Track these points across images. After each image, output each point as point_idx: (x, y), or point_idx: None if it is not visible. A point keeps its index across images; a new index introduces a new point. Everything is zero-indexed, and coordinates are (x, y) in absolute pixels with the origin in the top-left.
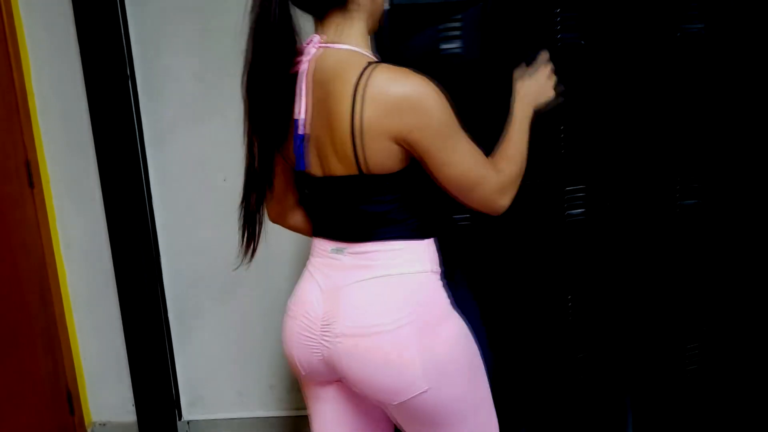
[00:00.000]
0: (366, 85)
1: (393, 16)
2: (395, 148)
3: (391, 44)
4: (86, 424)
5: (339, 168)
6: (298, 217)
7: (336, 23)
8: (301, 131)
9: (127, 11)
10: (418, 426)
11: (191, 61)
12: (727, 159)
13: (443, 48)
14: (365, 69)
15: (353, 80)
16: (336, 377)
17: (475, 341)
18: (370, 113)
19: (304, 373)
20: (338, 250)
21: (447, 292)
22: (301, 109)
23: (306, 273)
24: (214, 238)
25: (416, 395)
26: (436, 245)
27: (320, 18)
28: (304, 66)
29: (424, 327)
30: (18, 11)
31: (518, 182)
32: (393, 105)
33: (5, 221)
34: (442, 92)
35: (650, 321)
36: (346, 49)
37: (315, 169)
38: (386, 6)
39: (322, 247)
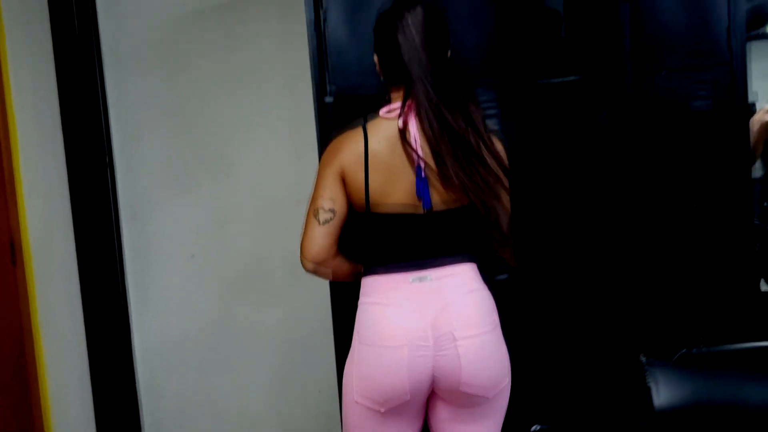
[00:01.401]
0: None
1: (337, 106)
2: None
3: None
4: None
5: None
6: (337, 260)
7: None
8: (423, 175)
9: (109, 110)
10: (481, 421)
11: (165, 145)
12: None
13: None
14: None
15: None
16: (426, 393)
17: None
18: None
19: (409, 397)
20: (421, 278)
21: None
22: (420, 156)
23: (389, 308)
24: (184, 311)
25: (504, 386)
26: None
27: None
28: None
29: (500, 333)
30: (11, 104)
31: None
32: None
33: None
34: None
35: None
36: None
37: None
38: None
39: (399, 280)
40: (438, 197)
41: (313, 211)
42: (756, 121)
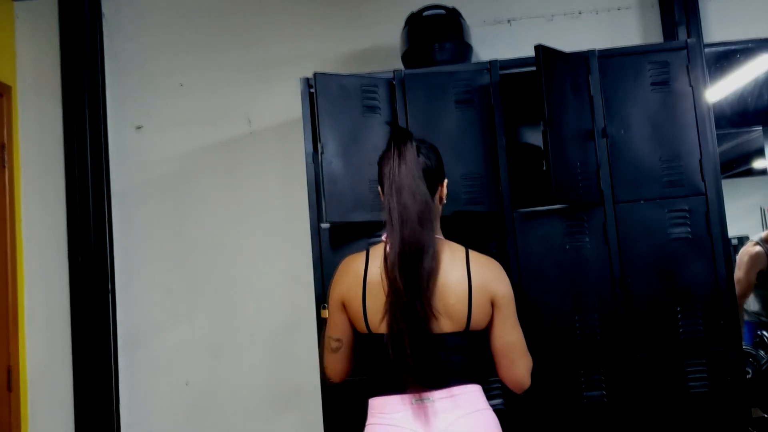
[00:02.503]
0: (473, 262)
1: (333, 232)
2: (489, 310)
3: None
4: None
5: (448, 325)
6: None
7: None
8: None
9: (114, 240)
10: None
11: (166, 276)
12: None
13: None
14: (467, 252)
15: (462, 259)
16: None
17: None
18: (479, 282)
19: None
20: (423, 399)
21: None
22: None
23: (390, 429)
24: None
25: None
26: None
27: None
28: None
29: None
30: (20, 236)
31: None
32: (492, 275)
33: None
34: None
35: None
36: (441, 239)
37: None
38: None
39: (401, 401)
40: (435, 321)
41: (326, 339)
42: (745, 253)
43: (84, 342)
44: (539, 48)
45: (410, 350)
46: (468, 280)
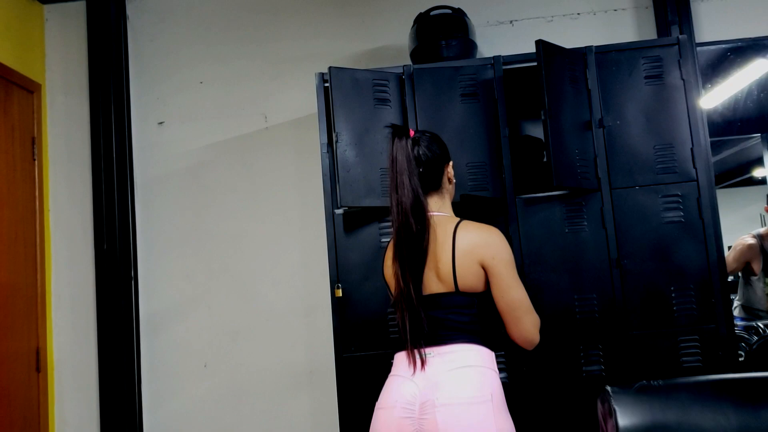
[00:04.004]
0: (459, 231)
1: (347, 217)
2: (480, 271)
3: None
4: None
5: (440, 287)
6: None
7: (435, 200)
8: None
9: (137, 229)
10: None
11: (185, 263)
12: None
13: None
14: (458, 222)
15: (451, 230)
16: None
17: None
18: (464, 246)
19: None
20: (427, 354)
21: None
22: None
23: (394, 378)
24: (196, 418)
25: None
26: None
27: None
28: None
29: (495, 407)
30: (48, 225)
31: None
32: (480, 240)
33: (12, 400)
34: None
35: None
36: (442, 215)
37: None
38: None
39: (407, 356)
40: (432, 284)
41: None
42: (740, 242)
43: (108, 325)
44: (540, 43)
45: (407, 312)
46: (452, 246)
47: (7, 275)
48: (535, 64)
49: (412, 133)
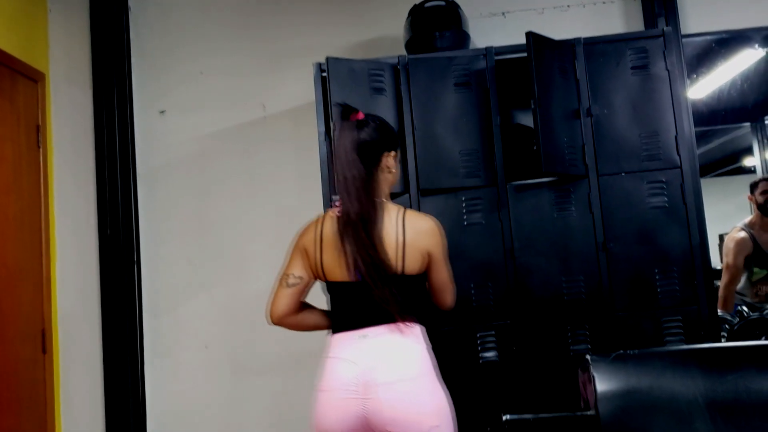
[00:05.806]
0: (408, 219)
1: None
2: (425, 258)
3: None
4: None
5: (381, 270)
6: (299, 316)
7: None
8: None
9: (140, 214)
10: None
11: (187, 247)
12: None
13: None
14: (403, 211)
15: (395, 217)
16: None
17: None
18: (412, 234)
19: None
20: (364, 336)
21: None
22: None
23: (333, 360)
24: (197, 397)
25: (433, 426)
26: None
27: None
28: None
29: (432, 381)
30: (53, 211)
31: None
32: (428, 230)
33: (19, 380)
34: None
35: None
36: (382, 201)
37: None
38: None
39: (348, 337)
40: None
41: (282, 278)
42: (731, 239)
43: (112, 308)
44: (530, 34)
45: (346, 294)
46: (403, 237)
47: (13, 259)
48: (525, 54)
49: (361, 115)
